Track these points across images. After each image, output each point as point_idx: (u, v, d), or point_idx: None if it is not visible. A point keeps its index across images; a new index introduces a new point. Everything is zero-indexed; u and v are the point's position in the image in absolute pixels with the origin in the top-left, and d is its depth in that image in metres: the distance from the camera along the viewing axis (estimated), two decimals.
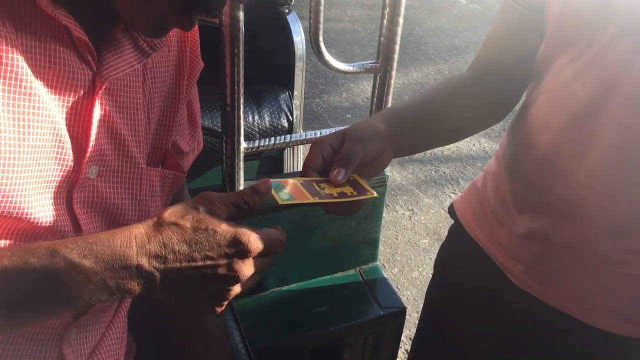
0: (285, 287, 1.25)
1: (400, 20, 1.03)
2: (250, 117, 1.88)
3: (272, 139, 1.08)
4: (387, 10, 1.02)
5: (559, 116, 0.82)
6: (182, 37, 0.76)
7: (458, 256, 1.08)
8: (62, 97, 0.58)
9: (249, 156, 1.40)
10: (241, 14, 0.91)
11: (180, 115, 0.80)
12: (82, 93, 0.59)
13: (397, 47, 1.06)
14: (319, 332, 1.16)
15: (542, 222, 0.86)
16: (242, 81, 0.96)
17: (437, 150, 3.27)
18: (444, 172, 3.10)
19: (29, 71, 0.54)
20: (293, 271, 1.25)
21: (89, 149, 0.60)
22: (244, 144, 1.03)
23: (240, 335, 0.95)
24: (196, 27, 0.79)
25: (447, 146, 3.32)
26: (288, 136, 1.11)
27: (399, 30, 1.04)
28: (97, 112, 0.60)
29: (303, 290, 1.25)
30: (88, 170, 0.61)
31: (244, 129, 1.02)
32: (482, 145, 3.35)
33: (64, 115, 0.58)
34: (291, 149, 2.05)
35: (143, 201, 0.69)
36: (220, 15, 0.91)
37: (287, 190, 0.63)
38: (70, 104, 0.58)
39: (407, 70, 4.14)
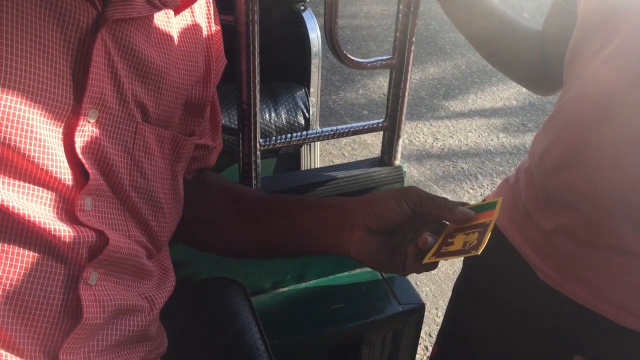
0: (303, 284, 1.25)
1: (417, 15, 1.02)
2: (267, 114, 1.88)
3: (289, 135, 1.08)
4: (403, 5, 1.01)
5: (584, 109, 0.82)
6: (209, 29, 0.78)
7: (488, 251, 1.08)
8: (62, 32, 0.57)
9: (266, 153, 1.40)
10: (256, 11, 0.91)
11: (206, 107, 0.81)
12: (83, 31, 0.58)
13: (414, 42, 1.05)
14: (337, 329, 1.16)
15: (569, 217, 0.86)
16: (258, 78, 0.96)
17: (454, 146, 3.25)
18: (462, 168, 3.08)
19: (29, 4, 0.54)
20: (311, 268, 1.25)
21: (88, 88, 0.59)
22: (260, 141, 1.03)
23: (260, 332, 0.95)
24: (219, 24, 0.81)
25: (465, 141, 3.30)
26: (305, 133, 1.11)
27: (415, 25, 1.03)
28: (98, 51, 0.59)
29: (321, 287, 1.25)
30: (88, 112, 0.60)
31: (261, 126, 1.03)
32: (501, 141, 3.33)
33: (63, 50, 0.57)
34: (308, 145, 2.05)
35: (136, 157, 0.68)
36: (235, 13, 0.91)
37: None
38: (70, 40, 0.57)
39: (424, 66, 4.12)
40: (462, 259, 1.19)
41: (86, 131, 0.60)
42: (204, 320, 0.96)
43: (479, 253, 0.64)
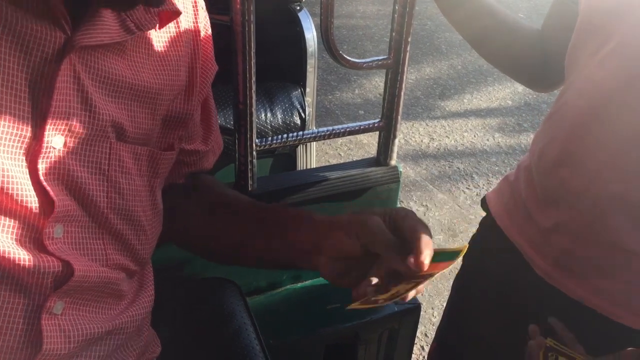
0: (299, 284, 1.25)
1: (412, 15, 1.02)
2: (263, 115, 1.88)
3: (285, 136, 1.08)
4: (399, 5, 1.01)
5: (581, 108, 0.83)
6: (194, 38, 0.75)
7: (488, 248, 1.09)
8: (25, 59, 0.55)
9: (262, 153, 1.39)
10: (252, 11, 0.91)
11: (194, 117, 0.79)
12: (48, 57, 0.57)
13: (409, 43, 1.05)
14: (333, 329, 1.16)
15: (568, 215, 0.86)
16: (254, 78, 0.96)
17: (450, 146, 3.25)
18: (457, 168, 3.09)
19: None
20: None
21: (51, 114, 0.57)
22: (256, 141, 1.03)
23: (255, 332, 0.95)
24: (209, 30, 0.79)
25: (461, 141, 3.30)
26: (301, 133, 1.11)
27: (411, 25, 1.03)
28: (64, 77, 0.58)
29: (317, 287, 1.25)
30: (52, 139, 0.58)
31: (257, 127, 1.03)
32: (497, 140, 3.33)
33: (25, 76, 0.56)
34: (304, 145, 2.05)
35: (112, 178, 0.66)
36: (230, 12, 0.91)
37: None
38: (33, 67, 0.56)
39: (420, 66, 4.13)
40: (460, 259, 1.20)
41: (51, 157, 0.59)
42: (200, 321, 0.96)
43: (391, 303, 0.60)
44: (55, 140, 0.59)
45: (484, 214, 1.10)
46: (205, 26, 0.78)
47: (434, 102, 3.71)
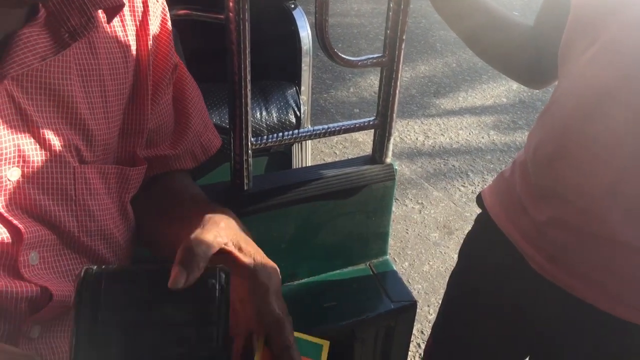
0: (295, 282, 1.25)
1: (407, 13, 1.02)
2: (258, 113, 1.88)
3: (280, 134, 1.08)
4: (393, 3, 1.01)
5: (573, 105, 0.83)
6: (143, 36, 0.71)
7: (483, 244, 1.09)
8: None
9: (258, 152, 1.39)
10: (247, 9, 0.90)
11: (152, 119, 0.75)
12: None
13: (404, 41, 1.05)
14: (329, 327, 1.16)
15: (562, 209, 0.87)
16: (249, 77, 0.96)
17: (446, 144, 3.26)
18: (453, 165, 3.09)
19: None
20: (303, 266, 1.25)
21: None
22: (252, 140, 1.03)
23: None
24: (167, 25, 0.74)
25: (456, 139, 3.31)
26: (296, 131, 1.11)
27: (406, 23, 1.03)
28: (2, 109, 0.56)
29: (313, 286, 1.25)
30: (7, 172, 0.58)
31: (252, 125, 1.02)
32: (492, 138, 3.34)
33: None
34: (299, 144, 2.05)
35: (81, 201, 0.65)
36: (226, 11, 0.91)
37: None
38: None
39: (415, 64, 4.13)
40: (456, 251, 1.20)
41: (9, 189, 0.58)
42: None
43: None
44: (11, 172, 0.58)
45: (479, 211, 1.11)
46: (162, 21, 0.74)
47: (429, 100, 3.72)
